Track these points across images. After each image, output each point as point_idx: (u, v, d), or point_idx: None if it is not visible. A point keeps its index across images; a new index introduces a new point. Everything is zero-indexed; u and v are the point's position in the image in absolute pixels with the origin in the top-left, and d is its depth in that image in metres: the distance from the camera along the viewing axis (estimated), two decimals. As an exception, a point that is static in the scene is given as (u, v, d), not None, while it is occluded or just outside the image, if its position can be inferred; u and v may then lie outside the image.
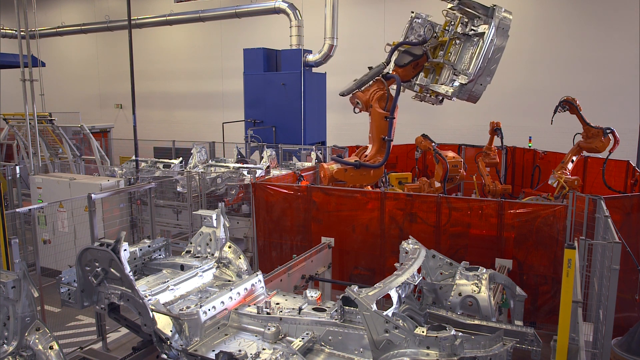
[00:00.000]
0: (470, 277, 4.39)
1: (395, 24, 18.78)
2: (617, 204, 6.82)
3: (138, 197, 9.88)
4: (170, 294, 4.33)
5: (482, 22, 7.38)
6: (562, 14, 15.83)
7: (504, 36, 7.31)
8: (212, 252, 5.01)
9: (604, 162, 9.84)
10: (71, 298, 4.22)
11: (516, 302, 4.63)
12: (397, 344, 3.29)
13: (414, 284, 4.09)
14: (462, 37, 7.62)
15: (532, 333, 3.89)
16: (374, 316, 3.35)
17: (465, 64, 7.50)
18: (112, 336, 7.29)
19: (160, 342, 3.75)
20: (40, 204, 8.95)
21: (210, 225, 5.06)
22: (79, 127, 14.75)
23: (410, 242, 4.59)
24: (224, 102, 22.17)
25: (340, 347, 3.74)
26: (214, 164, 10.96)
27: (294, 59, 15.62)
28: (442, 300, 4.40)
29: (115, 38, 23.22)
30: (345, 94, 8.23)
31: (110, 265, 3.86)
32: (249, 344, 3.83)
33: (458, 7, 7.52)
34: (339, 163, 7.91)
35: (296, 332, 3.89)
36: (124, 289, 3.87)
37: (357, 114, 8.45)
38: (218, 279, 4.78)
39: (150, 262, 5.04)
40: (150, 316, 3.71)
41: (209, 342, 3.84)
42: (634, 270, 5.99)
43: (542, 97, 15.28)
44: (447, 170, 9.37)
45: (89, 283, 4.04)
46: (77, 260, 4.03)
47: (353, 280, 7.44)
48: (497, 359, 3.20)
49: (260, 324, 4.02)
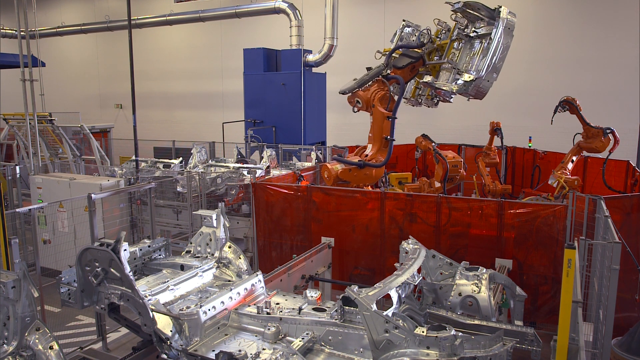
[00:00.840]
0: (470, 277, 4.39)
1: (395, 24, 18.77)
2: (617, 204, 6.82)
3: (138, 197, 9.88)
4: (170, 294, 4.32)
5: (484, 23, 7.53)
6: (562, 14, 15.83)
7: (509, 35, 7.46)
8: (212, 252, 5.01)
9: (604, 162, 9.83)
10: (71, 298, 4.22)
11: (516, 302, 4.63)
12: (397, 343, 3.29)
13: (414, 284, 4.09)
14: (464, 38, 7.75)
15: (532, 333, 3.89)
16: (374, 316, 3.35)
17: (468, 63, 7.64)
18: (112, 336, 7.29)
19: (160, 342, 3.75)
20: (40, 204, 8.96)
21: (210, 225, 5.06)
22: (79, 127, 14.75)
23: (410, 242, 4.59)
24: (224, 102, 22.18)
25: (340, 347, 3.74)
26: (214, 164, 10.96)
27: (294, 59, 15.62)
28: (442, 300, 4.40)
29: (115, 38, 23.23)
30: (347, 92, 8.28)
31: (110, 265, 3.86)
32: (249, 344, 3.83)
33: (462, 10, 7.61)
34: (343, 163, 7.91)
35: (296, 332, 3.88)
36: (124, 289, 3.86)
37: (355, 112, 8.48)
38: (218, 279, 4.78)
39: (150, 262, 5.04)
40: (150, 316, 3.71)
41: (209, 342, 3.83)
42: (634, 270, 5.99)
43: (542, 97, 15.28)
44: (447, 170, 9.37)
45: (89, 283, 4.04)
46: (77, 260, 4.03)
47: (353, 280, 7.44)
48: (497, 358, 3.20)
49: (260, 324, 4.02)
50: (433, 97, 8.86)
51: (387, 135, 7.78)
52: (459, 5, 7.57)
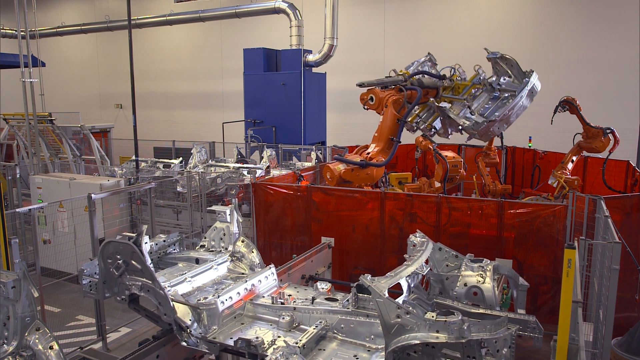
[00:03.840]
0: (475, 269, 4.51)
1: (395, 24, 18.83)
2: (617, 204, 6.82)
3: (138, 197, 9.89)
4: (188, 286, 4.49)
5: (510, 80, 8.17)
6: (562, 14, 15.83)
7: (530, 98, 8.14)
8: (226, 246, 5.19)
9: (604, 162, 9.83)
10: (92, 289, 4.37)
11: (519, 291, 4.73)
12: (408, 328, 3.44)
13: (423, 274, 4.28)
14: (486, 85, 8.36)
15: (534, 321, 4.03)
16: (386, 302, 3.49)
17: (482, 107, 8.27)
18: (112, 336, 7.30)
19: (180, 330, 3.91)
20: (40, 204, 8.96)
21: (224, 221, 5.25)
22: (79, 127, 14.75)
23: (417, 236, 4.74)
24: (224, 102, 22.18)
25: (352, 334, 3.90)
26: (214, 164, 10.98)
27: (294, 59, 15.63)
28: (449, 291, 4.54)
29: (115, 38, 23.23)
30: (365, 85, 8.64)
31: (132, 257, 3.99)
32: (264, 332, 4.01)
33: (495, 61, 8.08)
34: (345, 162, 7.94)
35: (309, 320, 4.06)
36: (145, 280, 4.01)
37: (365, 110, 8.76)
38: (232, 271, 4.96)
39: (165, 256, 5.22)
40: (170, 306, 3.85)
41: (227, 330, 4.03)
42: (634, 270, 5.99)
43: (542, 97, 15.22)
44: (447, 170, 9.37)
45: (110, 275, 4.18)
46: (100, 252, 4.16)
47: (353, 280, 7.43)
48: (501, 341, 3.36)
49: (274, 314, 4.20)
50: (431, 129, 9.30)
51: (393, 136, 8.08)
52: (495, 55, 8.10)
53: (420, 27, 17.71)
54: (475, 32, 16.67)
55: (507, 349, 3.38)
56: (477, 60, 8.80)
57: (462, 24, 16.96)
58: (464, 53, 17.63)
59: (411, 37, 17.89)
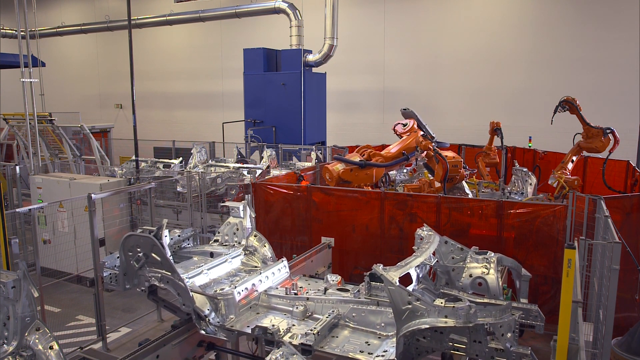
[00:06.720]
0: (479, 260, 4.67)
1: (395, 24, 18.83)
2: (617, 204, 6.82)
3: (138, 197, 9.89)
4: (205, 277, 4.69)
5: None
6: (562, 14, 15.83)
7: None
8: (239, 240, 5.39)
9: (604, 162, 9.82)
10: (113, 281, 4.57)
11: (522, 281, 4.86)
12: (418, 314, 3.62)
13: (430, 264, 4.57)
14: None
15: (536, 309, 4.20)
16: (397, 290, 3.67)
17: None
18: (112, 336, 7.30)
19: (199, 319, 4.10)
20: (40, 204, 8.96)
21: (237, 216, 5.46)
22: (79, 127, 14.75)
23: (424, 229, 4.92)
24: (224, 102, 22.18)
25: (363, 323, 4.07)
26: (214, 164, 10.98)
27: (294, 59, 15.63)
28: (455, 282, 4.70)
29: (115, 38, 23.23)
30: (409, 110, 9.91)
31: (152, 250, 4.19)
32: (279, 320, 4.21)
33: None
34: (344, 162, 7.95)
35: (322, 310, 4.24)
36: (164, 272, 4.21)
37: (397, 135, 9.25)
38: (245, 265, 5.16)
39: (180, 250, 5.38)
40: (189, 296, 4.04)
41: (243, 319, 4.24)
42: (634, 270, 5.99)
43: (542, 97, 15.29)
44: (447, 170, 9.36)
45: (131, 267, 4.38)
46: (121, 245, 4.35)
47: (353, 281, 7.43)
48: (506, 326, 3.58)
49: (288, 304, 4.40)
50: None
51: (409, 153, 8.44)
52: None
53: (420, 27, 17.71)
54: (475, 32, 16.69)
55: (511, 334, 3.58)
56: (477, 60, 8.80)
57: (462, 24, 16.95)
58: (464, 53, 17.71)
59: (411, 37, 17.89)
